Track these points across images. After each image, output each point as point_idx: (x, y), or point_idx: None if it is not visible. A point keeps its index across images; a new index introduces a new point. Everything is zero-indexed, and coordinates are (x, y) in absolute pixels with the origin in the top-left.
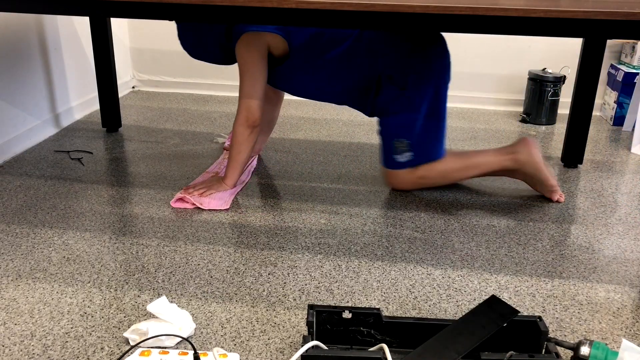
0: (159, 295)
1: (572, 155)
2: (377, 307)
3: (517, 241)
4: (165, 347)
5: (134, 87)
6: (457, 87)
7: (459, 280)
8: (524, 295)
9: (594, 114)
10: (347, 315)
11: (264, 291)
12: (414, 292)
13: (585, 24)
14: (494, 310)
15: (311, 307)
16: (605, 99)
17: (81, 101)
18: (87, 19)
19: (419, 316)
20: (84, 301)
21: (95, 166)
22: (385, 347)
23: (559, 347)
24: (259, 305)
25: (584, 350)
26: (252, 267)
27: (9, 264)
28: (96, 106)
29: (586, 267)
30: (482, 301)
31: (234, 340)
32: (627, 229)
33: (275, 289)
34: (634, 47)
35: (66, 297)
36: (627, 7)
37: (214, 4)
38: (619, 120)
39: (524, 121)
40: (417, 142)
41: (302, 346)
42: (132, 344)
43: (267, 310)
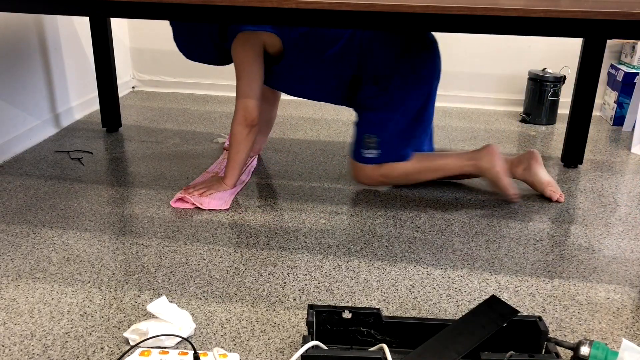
0: (159, 295)
1: (572, 155)
2: (377, 307)
3: (517, 241)
4: (165, 347)
5: (134, 87)
6: (457, 87)
7: (459, 280)
8: (524, 295)
9: (594, 114)
10: (347, 315)
11: (264, 291)
12: (414, 292)
13: (585, 24)
14: (494, 310)
15: (311, 307)
16: (605, 99)
17: (81, 101)
18: (87, 19)
19: (419, 316)
20: (84, 301)
21: (95, 166)
22: (385, 347)
23: (559, 347)
24: (259, 305)
25: (584, 350)
26: (252, 267)
27: (9, 264)
28: (96, 106)
29: (586, 267)
30: (482, 301)
31: (234, 340)
32: (627, 229)
33: (275, 289)
34: (634, 47)
35: (66, 297)
36: (627, 7)
37: (214, 4)
38: (619, 120)
39: (524, 121)
40: (386, 142)
41: (302, 346)
42: (132, 344)
43: (267, 310)
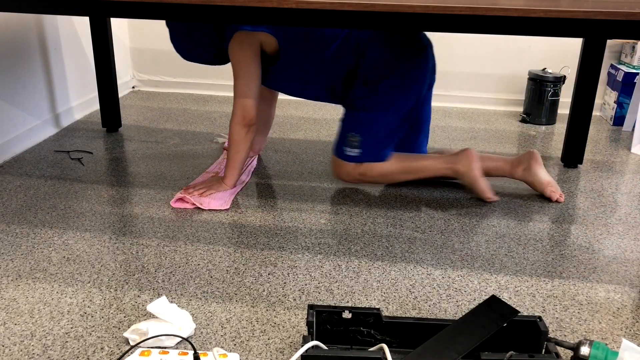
0: (159, 295)
1: (572, 155)
2: (377, 307)
3: (517, 241)
4: (165, 347)
5: (134, 87)
6: (457, 87)
7: (459, 280)
8: (524, 295)
9: (594, 114)
10: (347, 315)
11: (264, 291)
12: (414, 292)
13: (585, 24)
14: (494, 310)
15: (311, 307)
16: (605, 99)
17: (81, 101)
18: (87, 19)
19: (419, 316)
20: (84, 301)
21: (95, 166)
22: (385, 347)
23: (559, 347)
24: (259, 305)
25: (584, 350)
26: (252, 267)
27: (9, 264)
28: (96, 106)
29: (586, 267)
30: (482, 301)
31: (234, 340)
32: (627, 229)
33: (275, 289)
34: (634, 47)
35: (66, 297)
36: (627, 7)
37: (214, 4)
38: (619, 120)
39: (524, 121)
40: (368, 142)
41: (302, 346)
42: (132, 344)
43: (267, 310)
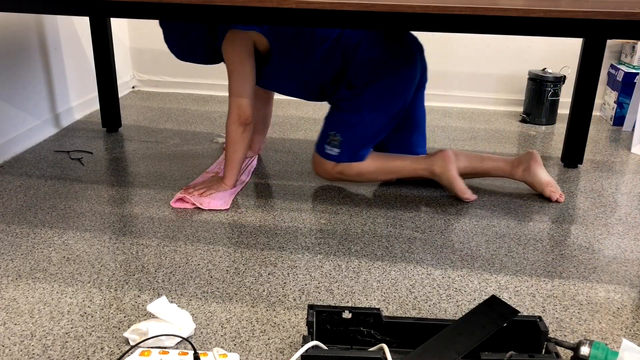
0: (159, 295)
1: (572, 155)
2: (377, 307)
3: (517, 241)
4: (165, 347)
5: (134, 87)
6: (457, 87)
7: (459, 280)
8: (524, 295)
9: (594, 114)
10: (347, 315)
11: (264, 291)
12: (414, 292)
13: (585, 24)
14: (494, 310)
15: (311, 307)
16: (605, 99)
17: (81, 101)
18: (87, 19)
19: (419, 316)
20: (84, 301)
21: (95, 166)
22: (385, 347)
23: (559, 347)
24: (259, 305)
25: (584, 350)
26: (252, 267)
27: (9, 264)
28: (96, 106)
29: (586, 267)
30: (482, 301)
31: (234, 340)
32: (627, 229)
33: (275, 289)
34: (634, 47)
35: (66, 297)
36: (627, 7)
37: (214, 4)
38: (619, 120)
39: (524, 121)
40: (348, 143)
41: (302, 346)
42: (132, 344)
43: (267, 310)
